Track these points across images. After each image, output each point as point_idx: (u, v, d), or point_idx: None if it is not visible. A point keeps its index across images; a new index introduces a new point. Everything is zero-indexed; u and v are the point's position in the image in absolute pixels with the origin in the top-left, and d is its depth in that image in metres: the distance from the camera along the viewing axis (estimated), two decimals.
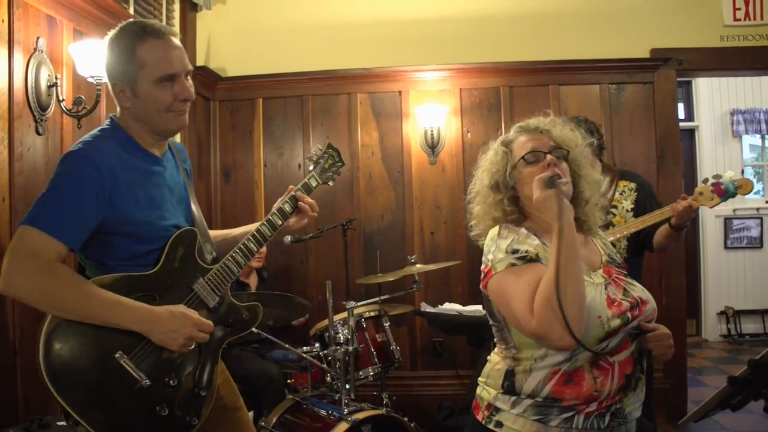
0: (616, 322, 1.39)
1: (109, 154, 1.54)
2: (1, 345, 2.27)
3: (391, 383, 3.65)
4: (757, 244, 6.33)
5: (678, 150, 4.17)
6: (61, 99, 2.57)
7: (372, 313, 3.26)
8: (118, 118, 1.64)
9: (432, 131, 4.14)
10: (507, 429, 1.44)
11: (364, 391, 3.59)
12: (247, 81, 4.26)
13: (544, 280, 1.36)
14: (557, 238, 1.37)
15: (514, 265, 1.43)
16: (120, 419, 1.46)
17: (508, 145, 1.58)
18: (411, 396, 3.96)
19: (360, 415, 2.68)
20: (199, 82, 3.87)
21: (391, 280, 3.43)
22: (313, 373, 3.14)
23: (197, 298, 1.64)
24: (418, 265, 3.36)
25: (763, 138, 6.51)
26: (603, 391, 1.39)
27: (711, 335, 6.29)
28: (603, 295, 1.43)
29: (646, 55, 4.11)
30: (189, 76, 1.64)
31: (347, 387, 2.90)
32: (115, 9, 2.89)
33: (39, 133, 2.47)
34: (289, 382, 3.26)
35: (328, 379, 3.08)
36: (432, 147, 4.17)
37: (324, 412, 2.80)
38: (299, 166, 4.27)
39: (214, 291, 1.68)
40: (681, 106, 6.04)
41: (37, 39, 2.45)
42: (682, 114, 6.03)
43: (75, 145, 1.55)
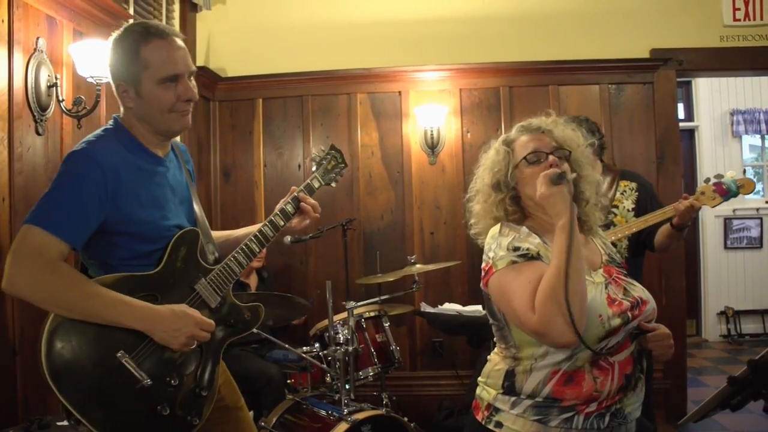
0: (616, 321, 1.39)
1: (112, 153, 1.55)
2: (1, 345, 2.27)
3: (391, 383, 3.64)
4: (757, 244, 6.33)
5: (678, 150, 4.17)
6: (60, 99, 2.57)
7: (372, 314, 3.26)
8: (121, 119, 1.65)
9: (432, 131, 4.14)
10: (507, 429, 1.44)
11: (364, 392, 3.59)
12: (247, 81, 4.26)
13: (546, 276, 1.36)
14: (561, 234, 1.37)
15: (515, 262, 1.43)
16: (121, 418, 1.46)
17: (509, 145, 1.58)
18: (411, 396, 3.96)
19: (360, 416, 2.68)
20: (199, 82, 3.82)
21: (390, 280, 3.44)
22: (313, 374, 3.14)
23: (199, 298, 1.64)
24: (417, 266, 3.36)
25: (762, 138, 6.51)
26: (603, 391, 1.39)
27: (711, 335, 6.29)
28: (603, 294, 1.43)
29: (646, 55, 4.12)
30: (192, 77, 1.65)
31: (347, 387, 2.90)
32: (115, 9, 2.89)
33: (39, 133, 2.47)
34: (288, 382, 3.27)
35: (328, 379, 3.08)
36: (432, 147, 4.17)
37: (324, 413, 2.80)
38: (299, 166, 4.27)
39: (216, 291, 1.68)
40: (681, 107, 6.04)
41: (37, 39, 2.45)
42: (681, 114, 6.03)
43: (78, 144, 1.56)
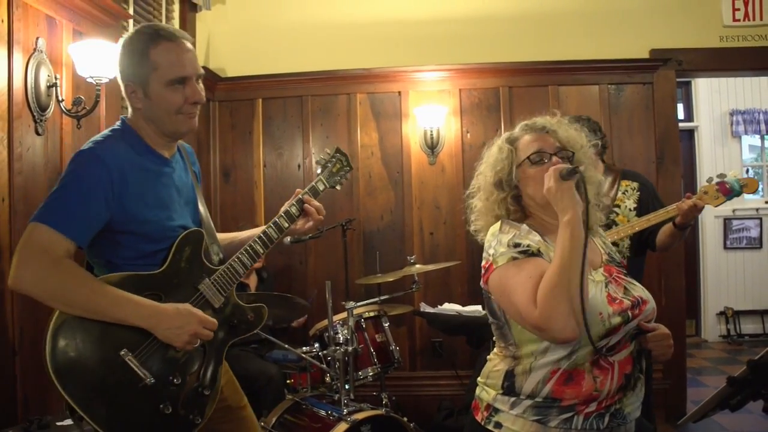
0: (616, 320, 1.40)
1: (119, 154, 1.57)
2: (1, 345, 2.26)
3: (391, 383, 3.64)
4: (757, 244, 6.33)
5: (677, 150, 4.17)
6: (60, 99, 2.56)
7: (371, 314, 3.26)
8: (128, 120, 1.67)
9: (431, 132, 4.14)
10: (506, 429, 1.45)
11: (364, 392, 3.59)
12: (247, 81, 4.26)
13: (549, 271, 1.36)
14: (566, 229, 1.37)
15: (515, 258, 1.43)
16: (124, 416, 1.48)
17: (513, 143, 1.58)
18: (410, 396, 3.96)
19: (359, 416, 2.68)
20: None
21: (390, 280, 3.44)
22: (313, 374, 3.14)
23: (203, 298, 1.66)
24: (417, 266, 3.36)
25: (762, 138, 6.51)
26: (603, 390, 1.39)
27: (710, 335, 6.29)
28: (604, 293, 1.43)
29: (646, 55, 4.12)
30: (200, 80, 1.67)
31: (347, 387, 2.90)
32: (114, 9, 2.89)
33: (38, 133, 2.47)
34: (288, 382, 3.27)
35: (328, 379, 3.09)
36: (431, 147, 4.17)
37: (323, 413, 2.80)
38: (299, 166, 4.27)
39: (220, 291, 1.70)
40: (680, 107, 6.04)
41: (37, 39, 2.45)
42: (681, 114, 6.04)
43: (86, 144, 1.58)
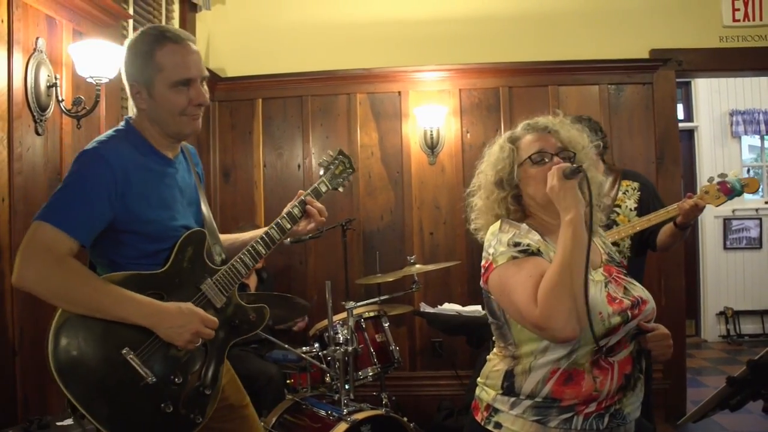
0: (616, 320, 1.40)
1: (123, 154, 1.58)
2: (1, 345, 2.26)
3: (391, 383, 3.64)
4: (756, 244, 6.33)
5: (677, 150, 4.17)
6: (60, 99, 2.56)
7: (371, 314, 3.26)
8: (133, 120, 1.68)
9: (431, 132, 4.14)
10: (506, 430, 1.44)
11: (364, 392, 3.59)
12: (247, 81, 4.26)
13: (551, 270, 1.36)
14: (568, 228, 1.37)
15: (515, 257, 1.43)
16: (125, 414, 1.49)
17: (514, 142, 1.57)
18: (410, 396, 3.96)
19: (359, 416, 2.68)
20: None
21: (390, 280, 3.44)
22: (313, 374, 3.14)
23: (205, 297, 1.67)
24: (417, 266, 3.36)
25: (762, 139, 6.51)
26: (603, 390, 1.39)
27: (710, 336, 6.30)
28: (603, 293, 1.43)
29: (646, 55, 4.12)
30: (204, 82, 1.68)
31: (346, 387, 2.90)
32: (114, 9, 2.89)
33: (38, 133, 2.47)
34: (288, 382, 3.27)
35: (328, 379, 3.09)
36: (431, 147, 4.17)
37: (323, 413, 2.80)
38: (298, 166, 4.27)
39: (222, 292, 1.71)
40: (680, 107, 6.04)
41: (37, 39, 2.45)
42: (681, 115, 6.04)
43: (89, 144, 1.59)
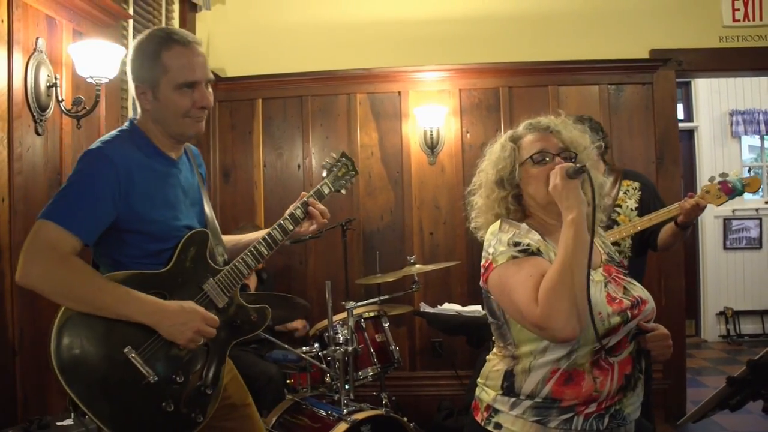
0: (616, 320, 1.39)
1: (127, 153, 1.59)
2: (1, 345, 2.26)
3: (391, 383, 3.64)
4: (756, 244, 6.33)
5: (677, 151, 4.17)
6: (60, 99, 2.56)
7: (371, 314, 3.26)
8: (137, 121, 1.70)
9: (431, 132, 4.14)
10: (506, 430, 1.44)
11: (364, 392, 3.59)
12: (247, 81, 4.26)
13: (552, 270, 1.35)
14: (570, 228, 1.37)
15: (515, 257, 1.43)
16: (126, 413, 1.49)
17: (516, 141, 1.57)
18: (410, 396, 3.96)
19: (359, 416, 2.68)
20: None
21: (390, 280, 3.44)
22: (313, 374, 3.14)
23: (207, 297, 1.68)
24: (417, 266, 3.36)
25: (762, 139, 6.51)
26: (603, 391, 1.39)
27: (710, 336, 6.30)
28: (603, 293, 1.43)
29: (646, 55, 4.12)
30: (209, 85, 1.69)
31: (346, 387, 2.90)
32: (114, 9, 2.89)
33: (38, 133, 2.47)
34: (288, 382, 3.27)
35: (328, 379, 3.09)
36: (431, 147, 4.17)
37: (323, 413, 2.80)
38: (298, 166, 4.27)
39: (224, 291, 1.72)
40: (680, 107, 6.04)
41: (37, 39, 2.45)
42: (681, 115, 6.03)
43: (94, 144, 1.61)
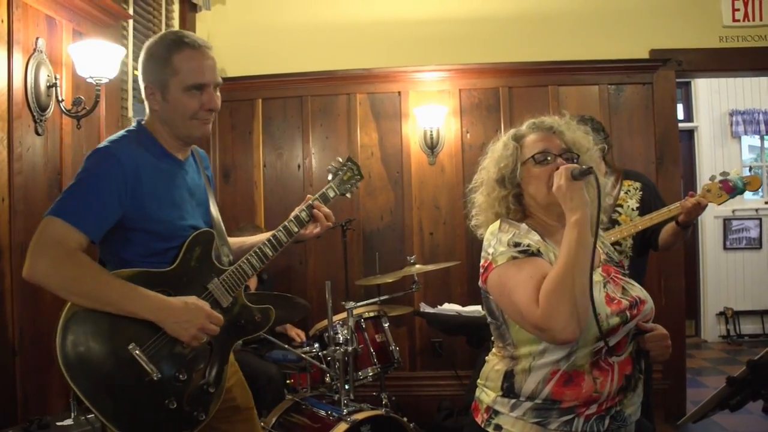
0: (615, 320, 1.39)
1: (134, 153, 1.61)
2: (1, 345, 2.26)
3: (391, 384, 3.64)
4: (756, 244, 6.33)
5: (677, 151, 4.17)
6: (60, 99, 2.56)
7: (371, 314, 3.26)
8: (145, 122, 1.72)
9: (431, 132, 4.14)
10: None
11: (364, 392, 3.59)
12: (247, 81, 4.26)
13: (554, 271, 1.35)
14: (573, 229, 1.37)
15: (515, 258, 1.42)
16: (129, 409, 1.51)
17: (519, 140, 1.57)
18: (410, 396, 3.96)
19: (359, 416, 2.68)
20: None
21: (390, 280, 3.44)
22: (313, 374, 3.14)
23: (211, 297, 1.69)
24: (417, 266, 3.36)
25: (762, 139, 6.51)
26: (603, 392, 1.39)
27: (710, 336, 6.30)
28: (602, 293, 1.43)
29: (645, 55, 4.12)
30: (217, 89, 1.72)
31: (346, 387, 2.90)
32: (114, 9, 2.89)
33: (38, 133, 2.47)
34: (288, 382, 3.27)
35: (328, 379, 3.08)
36: (431, 147, 4.17)
37: (323, 413, 2.80)
38: (298, 166, 4.27)
39: (228, 291, 1.73)
40: (680, 107, 6.04)
41: (37, 39, 2.45)
42: (681, 115, 6.03)
43: (101, 143, 1.63)
